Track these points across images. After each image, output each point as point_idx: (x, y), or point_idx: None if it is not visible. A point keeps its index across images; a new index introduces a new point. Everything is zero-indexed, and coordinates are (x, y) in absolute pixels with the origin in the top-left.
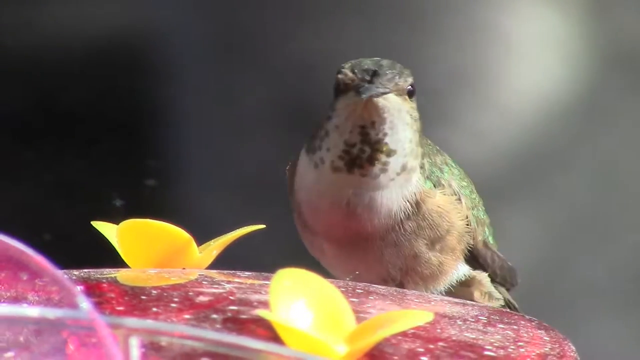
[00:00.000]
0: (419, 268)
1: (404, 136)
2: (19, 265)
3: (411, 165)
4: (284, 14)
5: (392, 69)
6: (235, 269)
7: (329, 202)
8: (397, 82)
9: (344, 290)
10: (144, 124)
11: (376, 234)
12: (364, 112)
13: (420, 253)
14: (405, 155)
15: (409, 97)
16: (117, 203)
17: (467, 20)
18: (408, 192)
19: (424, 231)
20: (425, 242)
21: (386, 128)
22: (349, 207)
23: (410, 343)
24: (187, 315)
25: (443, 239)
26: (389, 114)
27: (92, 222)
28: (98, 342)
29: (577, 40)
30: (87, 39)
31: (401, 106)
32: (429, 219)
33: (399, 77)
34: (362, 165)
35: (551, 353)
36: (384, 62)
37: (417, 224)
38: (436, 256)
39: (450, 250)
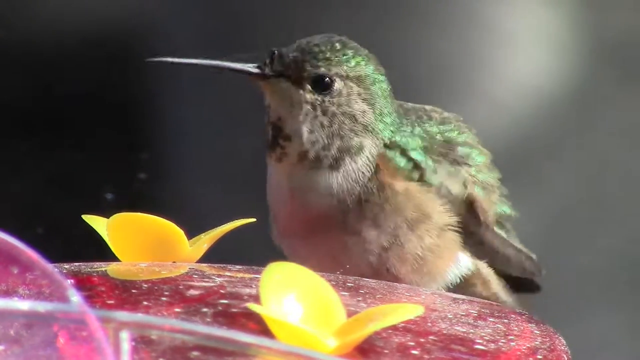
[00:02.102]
0: (392, 262)
1: (297, 125)
2: (10, 258)
3: (316, 154)
4: (279, 5)
5: (301, 54)
6: (226, 263)
7: (275, 191)
8: (294, 68)
9: (335, 283)
10: (136, 117)
11: (330, 219)
12: (265, 95)
13: (391, 245)
14: (301, 143)
15: (315, 87)
16: (108, 197)
17: (459, 13)
18: (355, 173)
19: (390, 217)
20: (394, 232)
21: (278, 113)
22: (290, 193)
23: (400, 337)
24: (178, 309)
25: (414, 231)
26: (278, 99)
27: (83, 216)
28: (88, 335)
29: (568, 33)
30: (79, 31)
31: (292, 94)
32: (393, 202)
33: (301, 64)
34: (271, 146)
35: (542, 347)
36: (312, 44)
37: (380, 208)
38: (411, 251)
39: (429, 248)
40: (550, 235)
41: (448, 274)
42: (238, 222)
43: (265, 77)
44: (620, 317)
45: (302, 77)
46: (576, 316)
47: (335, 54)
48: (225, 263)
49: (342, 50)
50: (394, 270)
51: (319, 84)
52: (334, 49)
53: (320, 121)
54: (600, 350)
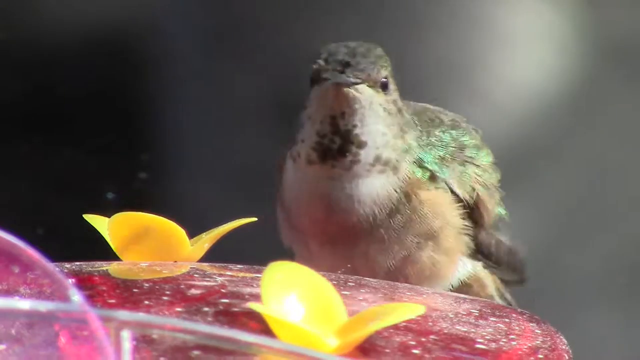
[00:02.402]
0: (410, 269)
1: (375, 128)
2: (11, 258)
3: (387, 157)
4: (279, 7)
5: (366, 58)
6: (227, 262)
7: (307, 196)
8: (370, 73)
9: (336, 283)
10: (137, 117)
11: (361, 227)
12: (334, 103)
13: (410, 252)
14: (377, 147)
15: (382, 89)
16: (110, 196)
17: (460, 13)
18: (393, 182)
19: (415, 227)
20: (416, 240)
21: (356, 119)
22: (328, 199)
23: (401, 336)
24: (179, 308)
25: (436, 238)
26: (359, 105)
27: (84, 215)
28: (90, 335)
29: (570, 33)
30: (80, 31)
31: (372, 98)
32: (420, 212)
33: (372, 68)
34: (334, 156)
35: (543, 346)
36: (360, 50)
37: (407, 218)
38: (429, 257)
39: (445, 252)
40: (551, 235)
41: (454, 277)
42: (239, 221)
43: (349, 85)
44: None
45: (376, 82)
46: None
47: (378, 56)
48: (227, 262)
49: (378, 51)
50: (410, 277)
51: (384, 86)
52: (375, 52)
53: (387, 122)
54: (598, 350)
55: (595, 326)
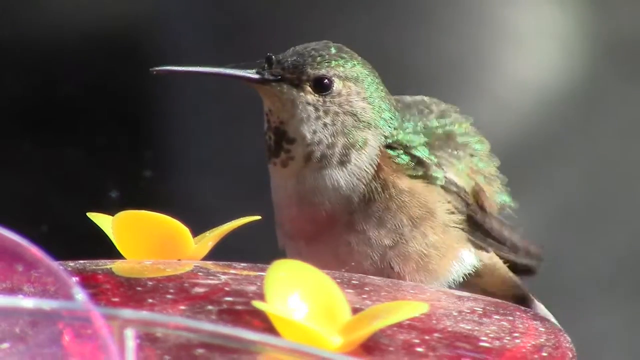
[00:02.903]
0: (396, 262)
1: (302, 127)
2: (15, 256)
3: (322, 154)
4: (283, 5)
5: (300, 57)
6: (231, 260)
7: (279, 195)
8: (294, 71)
9: (340, 281)
10: (141, 115)
11: (335, 219)
12: (264, 99)
13: (395, 244)
14: (307, 144)
15: (315, 88)
16: (113, 194)
17: (465, 11)
18: (356, 172)
19: (395, 216)
20: (398, 230)
21: (281, 117)
22: (295, 196)
23: (405, 334)
24: (183, 307)
25: (419, 229)
26: (280, 102)
27: (88, 214)
28: (93, 333)
29: (575, 31)
30: (84, 29)
31: (295, 96)
32: (398, 201)
33: (301, 67)
34: (273, 153)
35: (547, 344)
36: (303, 50)
37: (385, 205)
38: (415, 250)
39: (433, 245)
40: (554, 232)
41: (451, 272)
42: (243, 219)
43: (266, 82)
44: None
45: (302, 80)
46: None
47: (332, 57)
48: (230, 261)
49: (339, 54)
50: (397, 268)
51: (319, 85)
52: (330, 52)
53: (323, 121)
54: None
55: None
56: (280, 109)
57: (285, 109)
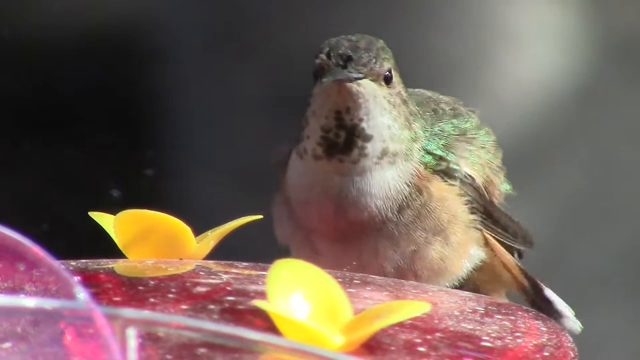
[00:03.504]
0: (418, 264)
1: (380, 122)
2: (17, 255)
3: (394, 149)
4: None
5: (369, 52)
6: (233, 260)
7: (316, 192)
8: (372, 67)
9: (341, 280)
10: (142, 113)
11: (372, 223)
12: (338, 98)
13: (419, 247)
14: (384, 140)
15: (385, 82)
16: (115, 193)
17: (466, 11)
18: (404, 174)
19: (424, 221)
20: (425, 235)
21: (361, 113)
22: (338, 194)
23: (407, 334)
24: (185, 306)
25: (444, 232)
26: (363, 99)
27: (89, 213)
28: (95, 332)
29: (576, 31)
30: (85, 28)
31: (376, 92)
32: (429, 207)
33: (374, 62)
34: (341, 150)
35: (548, 344)
36: (362, 44)
37: (416, 212)
38: (438, 252)
39: (454, 246)
40: (557, 232)
41: (463, 270)
42: (245, 219)
43: (353, 81)
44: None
45: (379, 75)
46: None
47: (381, 49)
48: (232, 260)
49: (379, 43)
50: (420, 272)
51: (387, 79)
52: (377, 44)
53: (394, 114)
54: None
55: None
56: (359, 106)
57: (365, 105)
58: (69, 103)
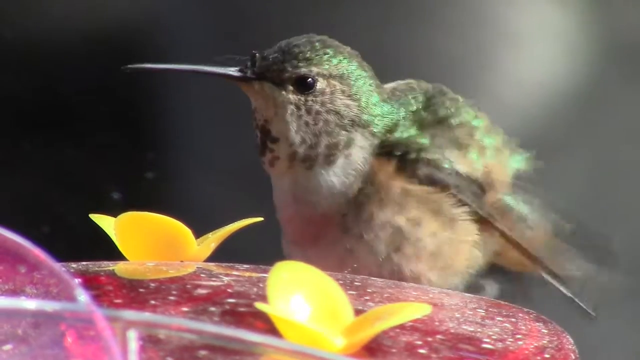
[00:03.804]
0: (408, 262)
1: (284, 126)
2: (17, 258)
3: (306, 154)
4: (285, 4)
5: (285, 54)
6: (234, 262)
7: (278, 195)
8: (275, 69)
9: (342, 283)
10: (143, 115)
11: (329, 222)
12: (250, 98)
13: (399, 245)
14: (290, 144)
15: (297, 87)
16: (116, 196)
17: (467, 11)
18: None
19: (391, 218)
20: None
21: (264, 115)
22: (292, 195)
23: (408, 336)
24: (185, 308)
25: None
26: (263, 101)
27: (90, 215)
28: (96, 334)
29: (577, 32)
30: (85, 30)
31: (276, 95)
32: (392, 202)
33: (283, 65)
34: (261, 151)
35: (549, 346)
36: (289, 45)
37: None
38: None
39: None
40: None
41: (470, 265)
42: (245, 221)
43: (247, 80)
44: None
45: (283, 79)
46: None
47: (315, 53)
48: (233, 262)
49: (322, 50)
50: (408, 271)
51: (301, 84)
52: (314, 48)
53: (305, 120)
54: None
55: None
56: (264, 108)
57: (267, 107)
58: (70, 104)
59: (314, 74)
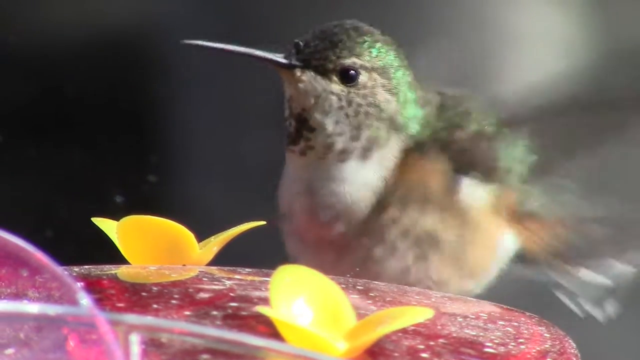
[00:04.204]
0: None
1: (324, 116)
2: (20, 261)
3: (343, 146)
4: (286, 8)
5: (326, 43)
6: (236, 266)
7: (295, 186)
8: (320, 59)
9: (345, 287)
10: (146, 120)
11: (351, 221)
12: (288, 86)
13: (425, 251)
14: (328, 135)
15: (341, 78)
16: (118, 199)
17: (465, 14)
18: (379, 168)
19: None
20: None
21: (304, 104)
22: (313, 188)
23: (410, 340)
24: (188, 312)
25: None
26: (304, 90)
27: (92, 219)
28: (98, 338)
29: (577, 36)
30: (88, 35)
31: (319, 85)
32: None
33: (328, 54)
34: (292, 140)
35: (551, 350)
36: (329, 33)
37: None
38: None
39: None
40: None
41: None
42: (248, 225)
43: (292, 67)
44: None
45: (327, 69)
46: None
47: (355, 42)
48: (235, 266)
49: (361, 38)
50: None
51: (345, 76)
52: (358, 38)
53: (345, 112)
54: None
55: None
56: (304, 97)
57: (307, 96)
58: (73, 109)
59: (357, 67)
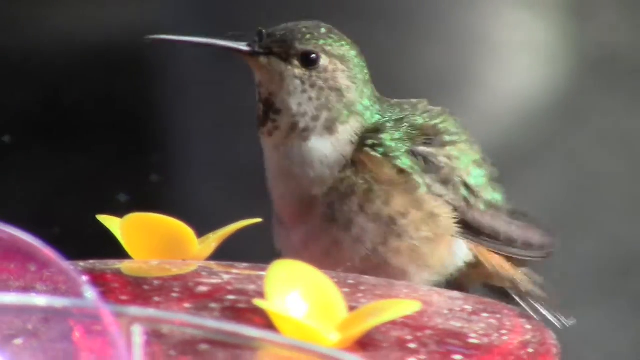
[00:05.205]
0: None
1: (288, 98)
2: (28, 256)
3: (306, 125)
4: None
5: (290, 32)
6: (233, 261)
7: (270, 168)
8: (282, 45)
9: (337, 281)
10: (147, 120)
11: (318, 205)
12: (256, 73)
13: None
14: (293, 115)
15: (302, 63)
16: (122, 198)
17: (448, 24)
18: (337, 144)
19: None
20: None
21: (269, 88)
22: (283, 167)
23: (399, 331)
24: (187, 305)
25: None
26: (268, 75)
27: (97, 216)
28: (103, 329)
29: (557, 44)
30: (89, 38)
31: (283, 69)
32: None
33: (291, 41)
34: (262, 122)
35: (532, 341)
36: (293, 25)
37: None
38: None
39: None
40: None
41: (447, 264)
42: (245, 222)
43: (255, 54)
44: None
45: (290, 54)
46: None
47: (321, 35)
48: (233, 261)
49: (328, 33)
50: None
51: (306, 60)
52: (319, 30)
53: (308, 95)
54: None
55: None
56: (269, 81)
57: (273, 81)
58: (78, 111)
59: (318, 50)
